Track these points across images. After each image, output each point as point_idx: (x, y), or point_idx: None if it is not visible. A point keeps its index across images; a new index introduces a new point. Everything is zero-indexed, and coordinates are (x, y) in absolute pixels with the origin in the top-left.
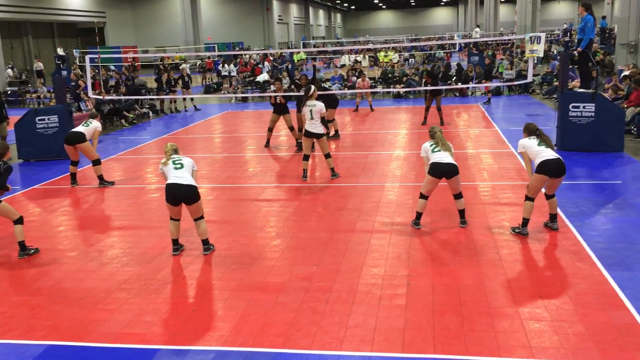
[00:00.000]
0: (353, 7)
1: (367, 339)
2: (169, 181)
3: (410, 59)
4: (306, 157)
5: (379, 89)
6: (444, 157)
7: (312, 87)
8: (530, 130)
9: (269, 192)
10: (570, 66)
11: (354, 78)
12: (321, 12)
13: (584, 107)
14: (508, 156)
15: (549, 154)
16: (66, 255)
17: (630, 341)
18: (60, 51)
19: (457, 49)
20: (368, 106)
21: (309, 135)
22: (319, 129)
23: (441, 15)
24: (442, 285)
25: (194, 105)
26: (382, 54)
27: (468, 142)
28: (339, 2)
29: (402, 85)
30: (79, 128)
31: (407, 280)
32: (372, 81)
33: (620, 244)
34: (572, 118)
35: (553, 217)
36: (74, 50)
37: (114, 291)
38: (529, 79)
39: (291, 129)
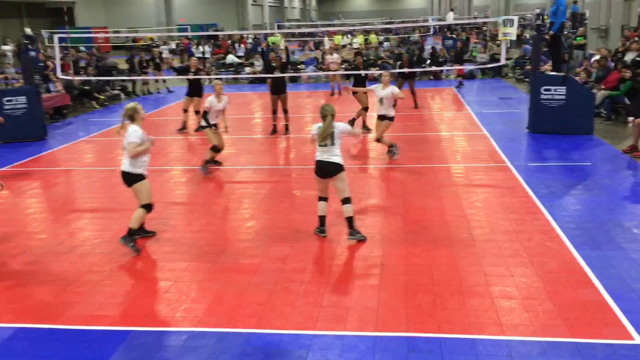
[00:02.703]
0: None
1: (341, 318)
2: None
3: (384, 42)
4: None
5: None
6: (329, 154)
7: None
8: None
9: (242, 174)
10: (546, 49)
11: (329, 56)
12: None
13: (555, 90)
14: (481, 138)
15: (321, 152)
16: (35, 238)
17: (598, 317)
18: (28, 31)
19: (431, 32)
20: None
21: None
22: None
23: None
24: (415, 265)
25: (167, 87)
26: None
27: (442, 125)
28: None
29: (376, 68)
30: None
31: (380, 260)
32: (346, 64)
33: (589, 224)
34: (543, 101)
35: (348, 222)
36: (42, 31)
37: (85, 273)
38: (502, 62)
39: (285, 111)
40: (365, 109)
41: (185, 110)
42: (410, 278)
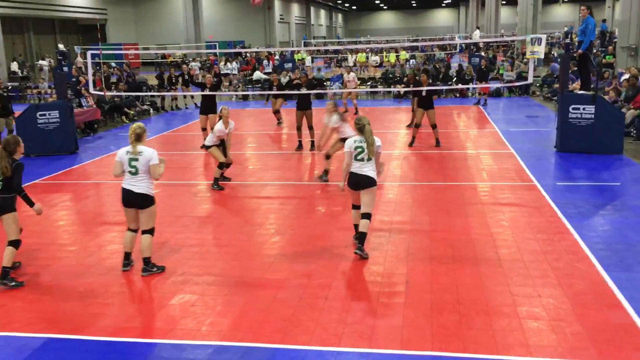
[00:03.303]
0: (354, 7)
1: (365, 335)
2: (124, 186)
3: (411, 60)
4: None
5: (380, 88)
6: (364, 168)
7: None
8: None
9: (268, 189)
10: (575, 68)
11: (346, 75)
12: (322, 12)
13: (584, 109)
14: (507, 157)
15: (357, 166)
16: (66, 250)
17: (628, 341)
18: (61, 47)
19: (458, 50)
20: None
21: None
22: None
23: (442, 17)
24: (440, 284)
25: (195, 103)
26: (362, 54)
27: (468, 143)
28: (340, 2)
29: (402, 85)
30: None
31: (405, 278)
32: (372, 81)
33: (618, 245)
34: (572, 120)
35: (360, 237)
36: (75, 47)
37: (113, 285)
38: (530, 80)
39: (310, 128)
40: (417, 125)
41: (204, 129)
42: (435, 296)
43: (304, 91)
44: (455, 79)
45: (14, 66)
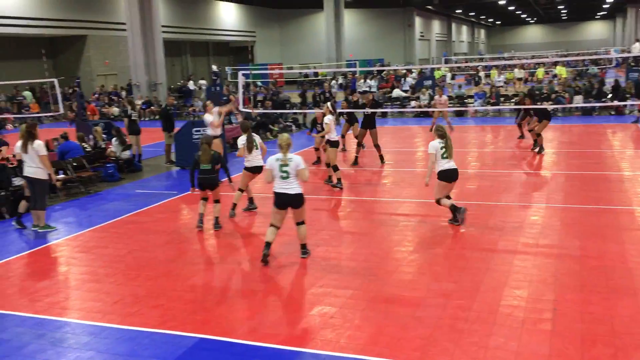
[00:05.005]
0: (498, 22)
1: None
2: (277, 190)
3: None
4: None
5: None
6: (451, 163)
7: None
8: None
9: (405, 206)
10: None
11: (437, 97)
12: (464, 28)
13: None
14: None
15: (446, 163)
16: (231, 258)
17: None
18: (214, 68)
19: (614, 64)
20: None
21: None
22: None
23: (596, 30)
24: (592, 313)
25: None
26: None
27: (624, 164)
28: (483, 17)
29: (550, 102)
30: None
31: (553, 305)
32: (516, 97)
33: None
34: None
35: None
36: (226, 68)
37: (259, 293)
38: None
39: (376, 146)
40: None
41: (317, 149)
42: (586, 327)
43: (368, 111)
44: (610, 95)
45: (191, 85)
